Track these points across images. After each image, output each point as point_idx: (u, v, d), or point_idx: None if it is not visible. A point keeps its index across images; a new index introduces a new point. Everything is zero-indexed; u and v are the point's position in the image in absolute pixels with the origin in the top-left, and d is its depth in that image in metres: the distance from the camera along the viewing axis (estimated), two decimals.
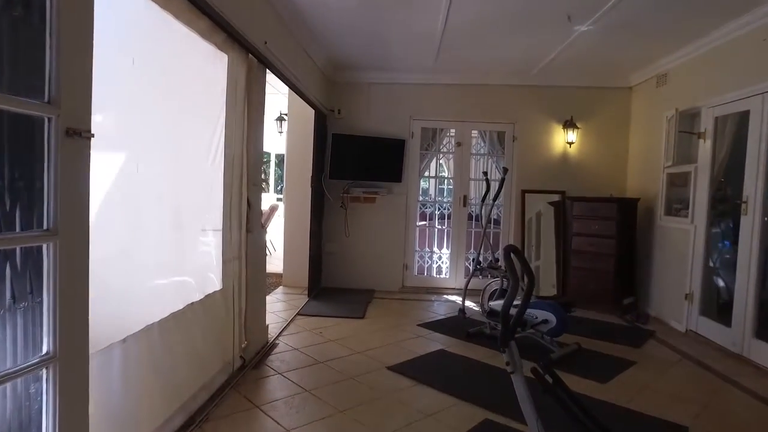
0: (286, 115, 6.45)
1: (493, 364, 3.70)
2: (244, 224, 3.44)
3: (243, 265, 3.44)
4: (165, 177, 2.40)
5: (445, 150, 6.46)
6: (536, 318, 3.90)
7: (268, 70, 3.93)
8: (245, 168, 3.43)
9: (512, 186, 6.25)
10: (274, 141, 7.96)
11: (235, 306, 3.26)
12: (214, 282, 2.99)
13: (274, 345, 4.02)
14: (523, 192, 6.19)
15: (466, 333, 4.36)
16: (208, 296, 2.85)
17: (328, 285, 6.30)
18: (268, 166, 9.87)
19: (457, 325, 4.69)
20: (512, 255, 2.17)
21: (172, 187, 2.51)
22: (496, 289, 4.33)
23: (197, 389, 2.73)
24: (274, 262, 7.17)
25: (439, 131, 6.33)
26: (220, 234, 3.01)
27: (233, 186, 3.17)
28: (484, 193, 4.75)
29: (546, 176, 6.17)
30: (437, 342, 4.25)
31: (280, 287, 6.30)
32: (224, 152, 2.98)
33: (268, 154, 9.74)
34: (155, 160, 2.26)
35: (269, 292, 6.03)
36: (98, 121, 1.61)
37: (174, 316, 2.44)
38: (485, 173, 4.85)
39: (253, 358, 3.62)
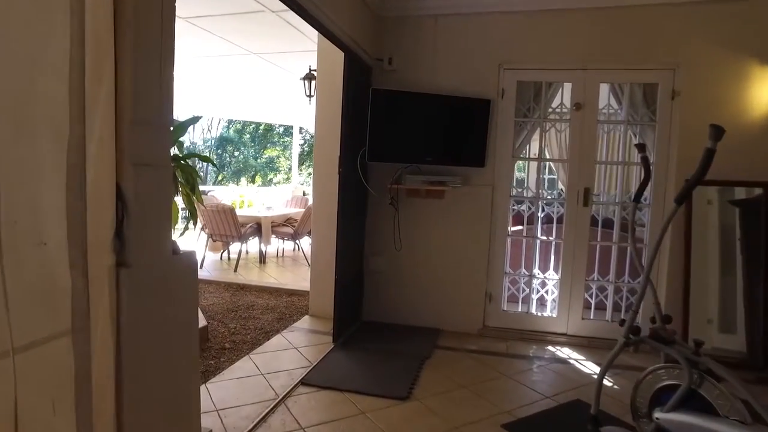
0: (315, 71, 4.52)
1: None
2: (106, 250, 1.53)
3: (102, 342, 1.54)
4: None
5: (554, 116, 4.14)
6: None
7: None
8: (107, 128, 1.52)
9: (667, 173, 3.81)
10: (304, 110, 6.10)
11: None
12: None
13: None
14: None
15: None
16: None
17: (371, 318, 4.30)
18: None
19: None
20: None
21: None
22: (671, 386, 2.05)
23: None
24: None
25: (545, 87, 4.03)
26: None
27: (25, 163, 1.25)
28: (641, 183, 2.44)
29: (732, 156, 3.60)
30: None
31: (305, 317, 4.42)
32: None
33: None
34: None
35: (289, 324, 4.17)
36: None
37: None
38: (641, 147, 2.50)
39: None
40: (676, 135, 3.72)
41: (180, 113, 19.54)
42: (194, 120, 1.94)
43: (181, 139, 2.56)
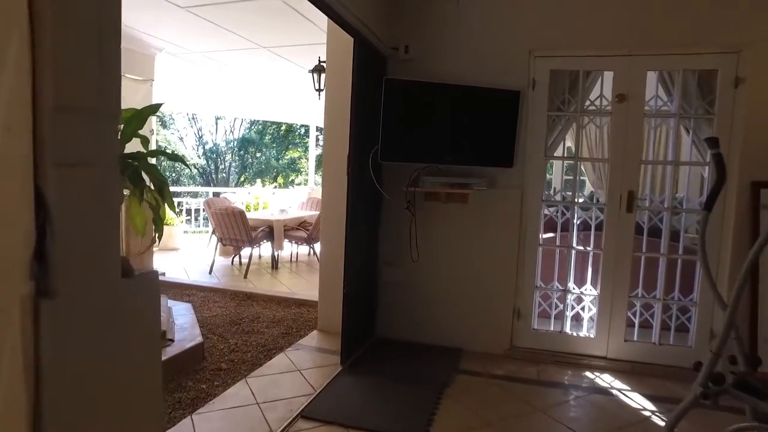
0: (324, 63, 4.13)
1: None
2: (17, 274, 1.16)
3: (7, 398, 1.16)
4: None
5: (594, 109, 3.65)
6: None
7: None
8: (19, 113, 1.15)
9: (728, 174, 3.28)
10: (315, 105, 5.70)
11: None
12: None
13: None
14: (756, 186, 3.20)
15: None
16: None
17: (385, 334, 3.88)
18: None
19: None
20: None
21: None
22: None
23: None
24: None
25: (583, 76, 3.54)
26: None
27: None
28: (713, 186, 1.96)
29: None
30: None
31: (313, 333, 4.03)
32: None
33: None
34: None
35: (295, 341, 3.79)
36: None
37: None
38: (713, 141, 2.01)
39: None
40: (740, 129, 3.20)
41: (202, 115, 19.51)
42: (154, 108, 1.57)
43: (152, 136, 2.21)
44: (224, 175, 21.04)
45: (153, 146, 8.78)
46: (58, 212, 1.25)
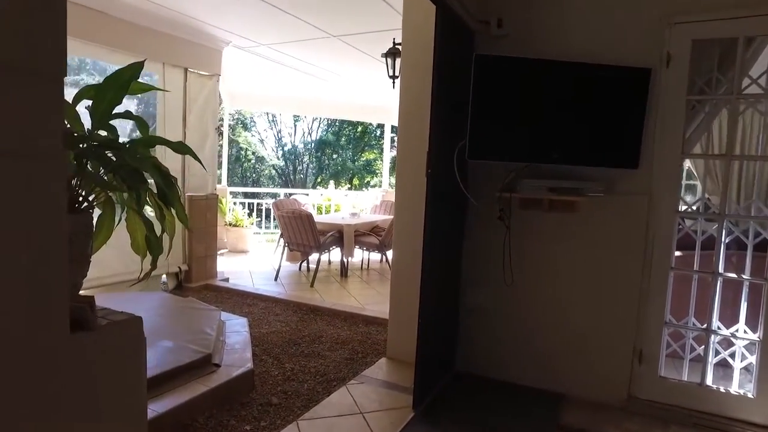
0: (399, 45, 3.53)
1: None
2: None
3: None
4: None
5: (754, 90, 2.74)
6: None
7: None
8: None
9: None
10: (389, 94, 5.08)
11: None
12: None
13: None
14: None
15: None
16: None
17: (467, 368, 3.21)
18: None
19: None
20: None
21: None
22: None
23: None
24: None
25: (742, 46, 2.66)
26: None
27: None
28: None
29: None
30: None
31: (382, 360, 3.45)
32: None
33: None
34: None
35: (360, 370, 3.24)
36: None
37: None
38: None
39: None
40: None
41: (281, 117, 19.76)
42: (135, 68, 1.06)
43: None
44: (302, 176, 21.25)
45: (226, 147, 8.70)
46: None
